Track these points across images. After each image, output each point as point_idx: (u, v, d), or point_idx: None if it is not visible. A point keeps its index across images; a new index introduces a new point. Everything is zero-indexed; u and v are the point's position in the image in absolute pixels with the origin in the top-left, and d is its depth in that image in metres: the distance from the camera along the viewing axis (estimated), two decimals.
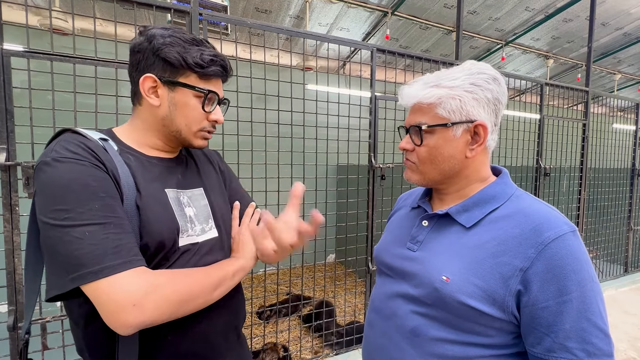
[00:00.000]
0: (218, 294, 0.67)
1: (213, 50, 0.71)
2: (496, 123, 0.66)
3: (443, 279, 0.60)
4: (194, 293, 0.61)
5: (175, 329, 0.65)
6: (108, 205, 0.57)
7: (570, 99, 3.09)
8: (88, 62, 1.39)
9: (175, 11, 1.53)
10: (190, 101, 0.69)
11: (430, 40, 4.57)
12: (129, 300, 0.53)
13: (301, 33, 1.88)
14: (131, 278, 0.55)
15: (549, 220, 0.57)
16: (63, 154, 0.57)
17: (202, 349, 0.69)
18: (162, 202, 0.67)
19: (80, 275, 0.53)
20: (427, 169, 0.68)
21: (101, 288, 0.53)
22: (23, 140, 1.35)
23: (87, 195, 0.56)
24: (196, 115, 0.70)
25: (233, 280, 0.71)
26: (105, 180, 0.59)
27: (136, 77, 0.68)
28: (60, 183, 0.55)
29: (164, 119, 0.69)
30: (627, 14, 4.34)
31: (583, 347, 0.52)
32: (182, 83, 0.67)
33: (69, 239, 0.53)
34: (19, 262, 1.33)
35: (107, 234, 0.55)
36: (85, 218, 0.54)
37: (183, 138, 0.72)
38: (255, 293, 3.72)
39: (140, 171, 0.66)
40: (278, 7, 3.64)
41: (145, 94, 0.68)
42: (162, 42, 0.66)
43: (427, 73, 0.69)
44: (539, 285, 0.54)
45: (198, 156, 0.85)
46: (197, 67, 0.67)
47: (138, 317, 0.54)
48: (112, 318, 0.54)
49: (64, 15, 2.89)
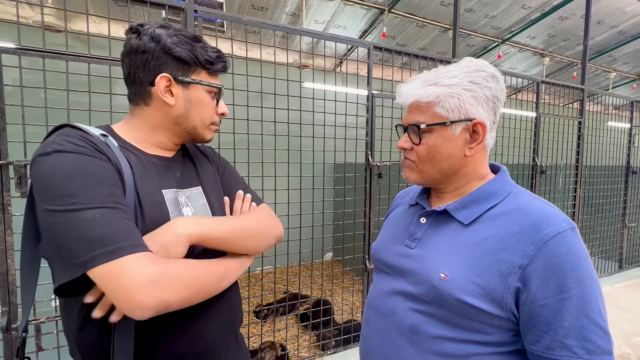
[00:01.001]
0: (224, 286, 0.67)
1: (214, 47, 0.73)
2: (495, 121, 0.66)
3: (441, 277, 0.60)
4: (205, 281, 0.61)
5: (173, 328, 0.64)
6: (115, 193, 0.57)
7: (566, 97, 3.10)
8: (81, 59, 1.37)
9: (170, 8, 1.51)
10: (205, 97, 0.72)
11: (427, 38, 4.57)
12: (146, 277, 0.51)
13: (298, 30, 1.87)
14: (147, 258, 0.53)
15: (548, 217, 0.57)
16: (65, 146, 0.56)
17: (200, 348, 0.69)
18: (157, 203, 0.66)
19: (93, 257, 0.50)
20: (426, 167, 0.67)
21: (115, 269, 0.51)
22: (15, 139, 1.33)
23: (95, 182, 0.55)
24: (210, 110, 0.74)
25: (234, 275, 0.71)
26: (111, 171, 0.59)
27: (144, 77, 0.68)
28: (65, 171, 0.54)
29: (179, 117, 0.71)
30: (622, 12, 4.36)
31: (582, 345, 0.51)
32: (198, 81, 0.70)
33: (75, 223, 0.52)
34: (12, 263, 1.31)
35: (119, 217, 0.54)
36: (96, 202, 0.53)
37: (197, 133, 0.74)
38: (253, 292, 3.71)
39: (139, 170, 0.66)
40: (274, 5, 3.62)
41: (161, 93, 0.68)
42: (172, 41, 0.67)
43: (425, 71, 0.68)
44: (538, 282, 0.53)
45: (195, 153, 0.84)
46: (208, 63, 0.70)
47: (157, 296, 0.52)
48: (127, 298, 0.51)
49: (57, 12, 2.85)
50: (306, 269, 4.51)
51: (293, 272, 4.26)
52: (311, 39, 2.73)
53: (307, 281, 4.07)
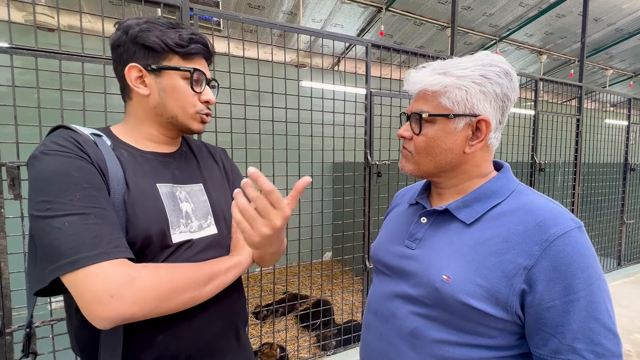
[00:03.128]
0: (210, 290, 0.64)
1: (191, 29, 0.69)
2: (502, 121, 0.63)
3: (443, 278, 0.58)
4: (178, 288, 0.58)
5: (167, 328, 0.62)
6: (90, 195, 0.56)
7: (564, 95, 3.10)
8: (75, 58, 1.35)
9: (165, 6, 1.49)
10: (178, 83, 0.68)
11: (425, 36, 4.56)
12: (106, 291, 0.51)
13: (295, 28, 1.85)
14: (109, 269, 0.53)
15: (554, 216, 0.55)
16: (50, 147, 0.58)
17: (195, 350, 0.67)
18: (152, 196, 0.65)
19: (59, 266, 0.52)
20: (423, 159, 0.65)
21: (78, 279, 0.52)
22: (8, 140, 1.30)
23: (69, 186, 0.55)
24: (187, 97, 0.69)
25: (227, 277, 0.67)
26: (90, 171, 0.58)
27: (121, 71, 0.67)
28: (45, 175, 0.56)
29: (156, 107, 0.68)
30: (619, 10, 4.37)
31: (591, 349, 0.50)
32: (167, 66, 0.66)
33: (49, 229, 0.53)
34: (5, 266, 1.28)
35: (87, 224, 0.54)
36: (66, 208, 0.54)
37: (180, 123, 0.70)
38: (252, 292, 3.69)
39: (131, 166, 0.65)
40: (271, 3, 3.60)
41: (132, 84, 0.66)
42: (139, 29, 0.65)
43: (438, 60, 0.65)
44: (545, 284, 0.51)
45: (201, 151, 0.83)
46: (178, 47, 0.66)
47: (115, 310, 0.51)
48: (88, 310, 0.52)
49: (50, 11, 2.82)
50: (305, 269, 4.49)
51: (292, 272, 4.25)
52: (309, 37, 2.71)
53: (306, 281, 4.05)
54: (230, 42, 1.73)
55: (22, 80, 1.31)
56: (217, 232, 0.73)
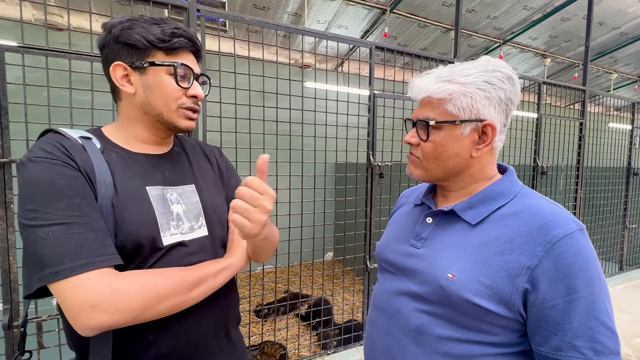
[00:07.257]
0: (196, 295, 0.64)
1: (174, 24, 0.68)
2: (505, 124, 0.65)
3: (449, 277, 0.59)
4: (162, 294, 0.58)
5: (157, 328, 0.63)
6: (75, 204, 0.56)
7: (568, 98, 3.10)
8: (84, 57, 1.37)
9: (172, 7, 1.51)
10: (163, 79, 0.67)
11: (429, 39, 4.56)
12: (87, 301, 0.52)
13: (300, 30, 1.87)
14: (91, 279, 0.53)
15: (557, 218, 0.56)
16: (36, 154, 0.58)
17: (186, 349, 0.67)
18: (141, 199, 0.65)
19: (43, 276, 0.53)
20: (431, 165, 0.67)
21: (61, 289, 0.53)
22: (18, 137, 1.33)
23: (53, 195, 0.55)
24: (171, 92, 0.68)
25: (216, 280, 0.67)
26: (75, 178, 0.58)
27: (108, 71, 0.67)
28: (30, 183, 0.56)
29: (143, 105, 0.68)
30: (624, 14, 4.36)
31: (591, 346, 0.51)
32: (149, 62, 0.65)
33: (35, 239, 0.54)
34: (13, 261, 1.31)
35: (70, 234, 0.54)
36: (51, 218, 0.54)
37: (166, 121, 0.69)
38: (253, 291, 3.71)
39: (120, 168, 0.65)
40: (276, 4, 3.62)
41: (118, 83, 0.66)
42: (121, 27, 0.64)
43: (440, 66, 0.66)
44: (547, 283, 0.53)
45: (195, 151, 0.82)
46: (161, 42, 0.65)
47: (97, 319, 0.52)
48: (72, 319, 0.53)
49: (59, 10, 2.86)
50: (307, 268, 4.51)
51: (294, 272, 4.27)
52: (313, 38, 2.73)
53: (307, 281, 4.07)
54: (236, 42, 1.75)
55: (31, 78, 1.33)
56: (207, 234, 0.73)
